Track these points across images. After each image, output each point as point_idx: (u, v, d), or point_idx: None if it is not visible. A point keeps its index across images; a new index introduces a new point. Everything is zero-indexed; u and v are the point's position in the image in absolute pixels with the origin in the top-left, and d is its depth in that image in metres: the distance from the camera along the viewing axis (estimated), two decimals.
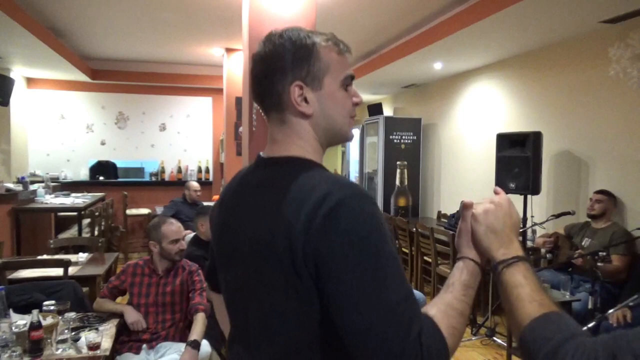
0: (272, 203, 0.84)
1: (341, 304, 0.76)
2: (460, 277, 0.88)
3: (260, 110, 0.99)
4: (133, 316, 2.66)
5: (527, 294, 0.81)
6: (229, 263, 0.97)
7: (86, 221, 5.97)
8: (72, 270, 3.43)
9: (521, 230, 4.33)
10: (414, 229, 5.38)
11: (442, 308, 0.82)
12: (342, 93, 0.95)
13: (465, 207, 0.94)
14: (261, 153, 0.98)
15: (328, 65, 0.92)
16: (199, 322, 2.63)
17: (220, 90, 6.74)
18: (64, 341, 2.22)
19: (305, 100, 0.91)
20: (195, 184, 5.87)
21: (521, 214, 4.42)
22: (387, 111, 7.96)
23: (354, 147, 7.93)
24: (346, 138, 0.98)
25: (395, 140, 6.75)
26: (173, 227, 2.79)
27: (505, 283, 0.84)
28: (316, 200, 0.78)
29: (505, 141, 4.58)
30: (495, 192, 0.97)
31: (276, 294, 0.84)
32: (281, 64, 0.90)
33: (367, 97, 8.61)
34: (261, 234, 0.85)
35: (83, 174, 7.68)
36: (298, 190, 0.82)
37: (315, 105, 0.92)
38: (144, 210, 7.39)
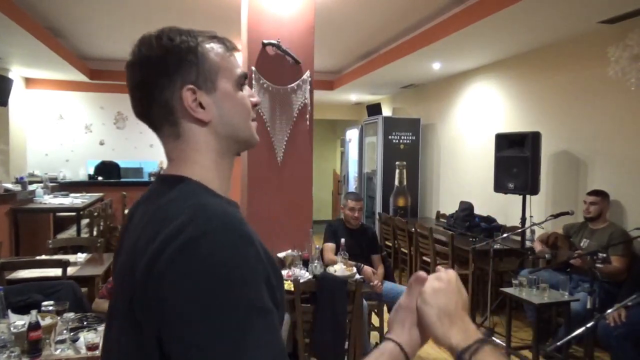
0: (134, 231, 0.75)
1: None
2: None
3: (150, 128, 0.84)
4: None
5: None
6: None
7: (85, 221, 5.97)
8: (70, 271, 3.43)
9: (520, 230, 4.34)
10: (413, 229, 5.38)
11: None
12: (239, 94, 0.83)
13: (418, 279, 0.80)
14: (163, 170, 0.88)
15: (218, 64, 0.80)
16: None
17: None
18: (62, 341, 2.21)
19: (201, 105, 0.79)
20: None
21: (520, 214, 4.42)
22: (386, 111, 7.97)
23: (353, 147, 7.94)
24: (251, 142, 0.87)
25: (394, 141, 6.75)
26: None
27: None
28: (168, 234, 0.65)
29: (504, 141, 4.59)
30: (437, 271, 0.83)
31: (121, 333, 0.72)
32: (166, 68, 0.77)
33: (366, 97, 8.61)
34: (119, 271, 0.77)
35: (82, 174, 7.67)
36: (156, 217, 0.71)
37: (213, 109, 0.80)
38: None
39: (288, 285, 3.04)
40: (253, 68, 3.32)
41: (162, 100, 0.78)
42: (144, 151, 8.01)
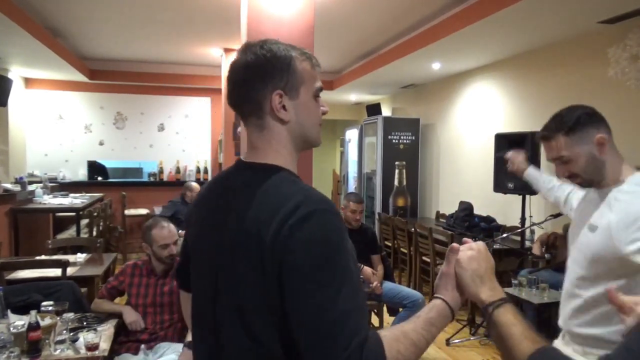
0: (249, 207, 0.92)
1: (294, 309, 0.84)
2: (427, 313, 0.95)
3: (239, 116, 1.05)
4: (131, 316, 2.66)
5: (520, 332, 0.90)
6: (202, 261, 1.04)
7: (84, 221, 5.96)
8: (70, 271, 3.43)
9: (519, 230, 4.34)
10: (413, 229, 5.38)
11: (395, 332, 0.88)
12: (314, 103, 1.04)
13: (452, 250, 1.03)
14: (241, 157, 1.06)
15: (303, 77, 1.01)
16: None
17: (218, 91, 6.74)
18: (62, 342, 2.22)
19: (284, 107, 0.99)
20: (197, 186, 5.85)
21: (519, 214, 4.42)
22: (386, 111, 7.97)
23: (352, 147, 7.93)
24: (316, 143, 1.07)
25: (393, 141, 6.75)
26: (164, 231, 2.74)
27: (497, 322, 0.93)
28: (288, 209, 0.86)
29: (504, 141, 4.59)
30: (465, 243, 1.06)
31: (246, 291, 0.90)
32: (263, 73, 0.97)
33: (366, 98, 8.61)
34: (236, 235, 0.92)
35: (81, 174, 7.67)
36: (273, 197, 0.91)
37: (292, 112, 1.00)
38: (143, 211, 7.39)
39: None
40: None
41: (255, 97, 0.98)
42: (144, 151, 8.00)
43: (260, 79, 0.98)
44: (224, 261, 0.95)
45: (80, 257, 3.92)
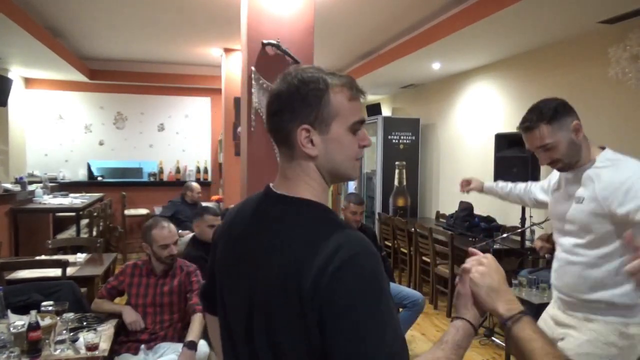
0: (284, 245, 0.90)
1: (336, 355, 0.81)
2: (454, 336, 0.95)
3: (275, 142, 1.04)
4: (131, 316, 2.66)
5: (541, 347, 0.93)
6: (233, 292, 1.00)
7: (84, 221, 5.97)
8: (70, 271, 3.43)
9: (520, 230, 4.34)
10: (413, 229, 5.38)
11: None
12: (349, 137, 0.97)
13: (465, 271, 1.04)
14: (272, 185, 1.01)
15: (337, 110, 0.95)
16: (196, 323, 2.63)
17: (218, 91, 6.74)
18: (62, 342, 2.22)
19: (312, 142, 0.94)
20: (197, 186, 5.86)
21: (520, 214, 4.42)
22: (386, 111, 7.97)
23: None
24: (350, 178, 1.03)
25: (393, 141, 6.75)
26: (164, 231, 2.74)
27: (517, 337, 0.96)
28: (328, 252, 0.83)
29: (504, 141, 4.59)
30: (472, 254, 1.09)
31: (284, 331, 0.87)
32: (291, 106, 0.94)
33: (366, 97, 8.60)
34: (272, 274, 0.89)
35: (81, 175, 7.67)
36: (311, 236, 0.88)
37: (321, 147, 0.95)
38: (143, 211, 7.39)
39: None
40: (253, 68, 3.31)
41: (284, 128, 0.95)
42: (144, 151, 8.00)
43: (289, 111, 0.94)
44: (259, 298, 0.91)
45: (80, 257, 3.91)
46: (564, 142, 1.80)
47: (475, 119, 5.88)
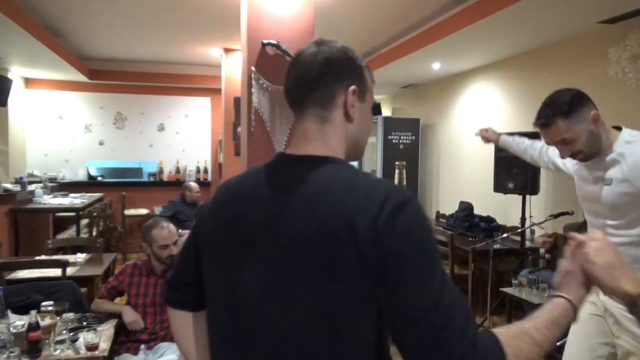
0: (325, 199, 0.84)
1: (401, 301, 0.78)
2: (550, 313, 0.88)
3: (290, 103, 0.99)
4: (131, 316, 2.65)
5: None
6: (253, 268, 0.89)
7: (84, 221, 5.97)
8: (70, 271, 3.43)
9: (520, 230, 4.34)
10: None
11: (512, 330, 0.82)
12: (371, 113, 1.04)
13: (578, 245, 0.95)
14: (287, 151, 0.97)
15: (369, 85, 1.00)
16: None
17: (218, 91, 6.74)
18: (62, 342, 2.21)
19: (353, 106, 0.96)
20: (195, 185, 5.85)
21: (520, 214, 4.42)
22: (386, 111, 7.97)
23: None
24: (361, 154, 1.06)
25: (393, 141, 6.75)
26: (164, 232, 2.75)
27: None
28: (380, 198, 0.81)
29: None
30: (572, 238, 0.98)
31: (332, 289, 0.81)
32: (343, 67, 0.96)
33: None
34: (320, 230, 0.82)
35: (81, 175, 7.67)
36: (357, 186, 0.85)
37: (357, 113, 0.97)
38: (143, 211, 7.39)
39: None
40: (253, 68, 3.31)
41: (329, 87, 0.94)
42: (144, 151, 8.00)
43: (339, 72, 0.95)
44: (303, 264, 0.83)
45: (80, 257, 3.91)
46: (583, 133, 1.76)
47: (475, 119, 5.88)
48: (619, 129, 1.86)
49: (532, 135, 4.25)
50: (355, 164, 1.00)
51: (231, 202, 0.98)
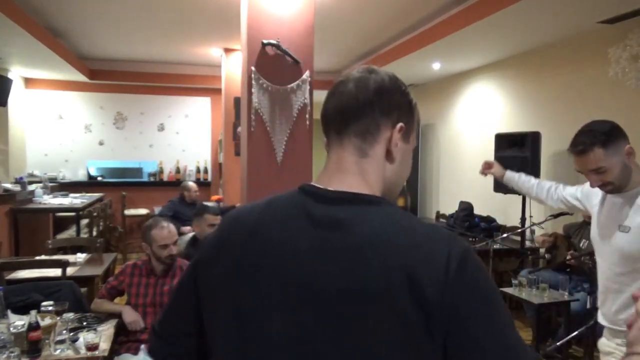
0: (380, 247, 0.73)
1: (482, 351, 0.71)
2: None
3: (327, 130, 0.89)
4: (131, 316, 2.66)
5: None
6: (266, 319, 0.77)
7: (84, 221, 5.97)
8: (70, 271, 3.43)
9: (520, 230, 4.34)
10: None
11: None
12: (411, 158, 0.92)
13: None
14: (318, 184, 0.84)
15: (415, 125, 0.90)
16: None
17: (218, 91, 6.74)
18: (62, 342, 2.22)
19: (396, 145, 0.86)
20: (193, 185, 5.86)
21: (520, 214, 4.42)
22: None
23: None
24: (392, 199, 0.92)
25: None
26: (164, 232, 2.75)
27: None
28: (441, 252, 0.72)
29: (504, 141, 4.59)
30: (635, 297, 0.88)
31: (382, 351, 0.70)
32: (394, 99, 0.86)
33: None
34: (367, 283, 0.71)
35: (81, 174, 7.67)
36: (414, 234, 0.76)
37: (399, 154, 0.87)
38: (143, 211, 7.39)
39: None
40: (253, 68, 3.31)
41: (374, 121, 0.84)
42: (144, 151, 8.00)
43: (388, 104, 0.84)
44: (339, 321, 0.72)
45: (80, 257, 3.91)
46: (617, 165, 1.76)
47: (475, 119, 5.88)
48: None
49: (532, 135, 4.26)
50: None
51: (249, 241, 0.82)
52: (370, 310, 0.70)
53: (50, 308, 2.39)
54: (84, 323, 2.54)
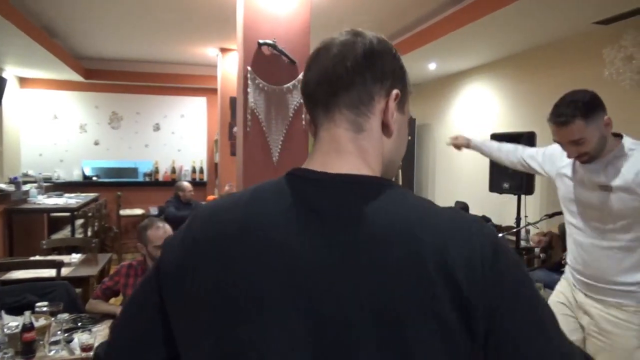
0: (400, 236, 0.63)
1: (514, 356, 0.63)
2: None
3: (311, 105, 0.76)
4: None
5: None
6: (285, 319, 0.62)
7: (79, 222, 5.94)
8: (65, 271, 3.41)
9: (515, 230, 4.35)
10: None
11: None
12: (407, 131, 0.82)
13: None
14: (313, 168, 0.71)
15: (408, 94, 0.80)
16: None
17: (214, 90, 6.73)
18: (56, 343, 2.21)
19: (393, 115, 0.74)
20: (188, 185, 5.83)
21: (515, 214, 4.44)
22: None
23: None
24: (391, 178, 0.83)
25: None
26: (159, 232, 2.73)
27: None
28: (475, 245, 0.64)
29: (500, 141, 4.59)
30: None
31: (421, 339, 0.60)
32: (388, 64, 0.75)
33: None
34: (397, 293, 0.61)
35: (76, 175, 7.64)
36: (438, 220, 0.66)
37: (395, 127, 0.75)
38: (138, 211, 7.36)
39: None
40: (249, 68, 3.31)
41: (367, 89, 0.72)
42: (139, 151, 7.98)
43: (380, 70, 0.73)
44: (363, 325, 0.60)
45: (75, 257, 3.90)
46: (596, 136, 1.77)
47: (471, 119, 5.90)
48: (618, 136, 1.88)
49: (528, 135, 4.27)
50: None
51: (237, 245, 0.65)
52: (408, 321, 0.60)
53: (44, 309, 2.38)
54: (79, 324, 2.53)
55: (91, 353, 2.20)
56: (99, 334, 2.43)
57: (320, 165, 0.70)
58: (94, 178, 7.65)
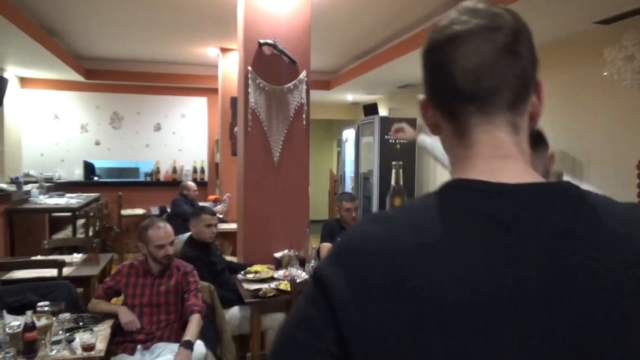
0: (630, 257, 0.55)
1: None
2: None
3: (455, 101, 0.63)
4: (127, 316, 2.65)
5: None
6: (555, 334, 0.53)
7: (81, 222, 5.95)
8: (66, 271, 3.42)
9: None
10: None
11: None
12: None
13: None
14: (489, 179, 0.59)
15: None
16: (194, 323, 2.62)
17: (215, 90, 6.74)
18: (58, 342, 2.21)
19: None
20: (193, 184, 5.85)
21: None
22: (383, 111, 7.97)
23: (349, 147, 7.94)
24: None
25: (390, 141, 6.76)
26: (160, 232, 2.74)
27: None
28: None
29: None
30: None
31: None
32: (533, 48, 0.64)
33: (363, 97, 8.62)
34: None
35: (77, 174, 7.65)
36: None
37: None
38: (139, 211, 7.37)
39: (284, 286, 3.04)
40: (249, 68, 3.32)
41: (529, 83, 0.62)
42: (140, 151, 7.99)
43: (531, 54, 0.63)
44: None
45: (77, 257, 3.90)
46: (539, 171, 1.79)
47: None
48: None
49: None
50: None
51: (429, 279, 0.54)
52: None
53: (46, 308, 2.39)
54: (80, 323, 2.54)
55: (93, 352, 2.21)
56: (101, 333, 2.44)
57: (487, 175, 0.60)
58: (95, 178, 7.66)
